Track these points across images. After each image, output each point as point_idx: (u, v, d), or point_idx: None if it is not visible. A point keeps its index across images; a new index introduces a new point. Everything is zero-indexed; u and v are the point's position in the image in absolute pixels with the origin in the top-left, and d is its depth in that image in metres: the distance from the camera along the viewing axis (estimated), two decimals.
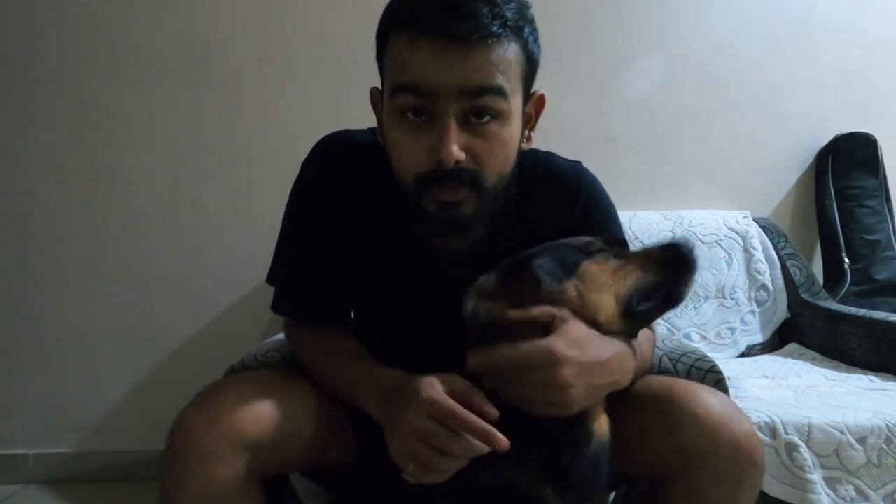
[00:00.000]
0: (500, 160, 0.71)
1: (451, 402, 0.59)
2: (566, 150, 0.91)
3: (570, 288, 0.65)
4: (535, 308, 0.64)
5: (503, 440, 0.57)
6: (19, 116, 1.76)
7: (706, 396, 0.72)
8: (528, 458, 0.63)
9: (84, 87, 1.76)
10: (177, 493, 0.64)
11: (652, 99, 1.88)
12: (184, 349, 1.81)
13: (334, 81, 1.79)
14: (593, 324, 0.65)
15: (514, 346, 0.61)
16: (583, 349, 0.61)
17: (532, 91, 0.76)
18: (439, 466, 0.59)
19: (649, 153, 1.89)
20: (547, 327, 0.63)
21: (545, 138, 0.91)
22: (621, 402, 0.77)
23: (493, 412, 0.59)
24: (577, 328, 0.63)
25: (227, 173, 1.80)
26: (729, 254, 1.77)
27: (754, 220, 1.84)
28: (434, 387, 0.61)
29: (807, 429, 1.11)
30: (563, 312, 0.64)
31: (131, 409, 1.80)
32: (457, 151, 0.66)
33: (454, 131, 0.66)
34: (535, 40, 0.72)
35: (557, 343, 0.60)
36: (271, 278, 0.87)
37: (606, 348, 0.65)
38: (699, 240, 1.77)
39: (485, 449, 0.57)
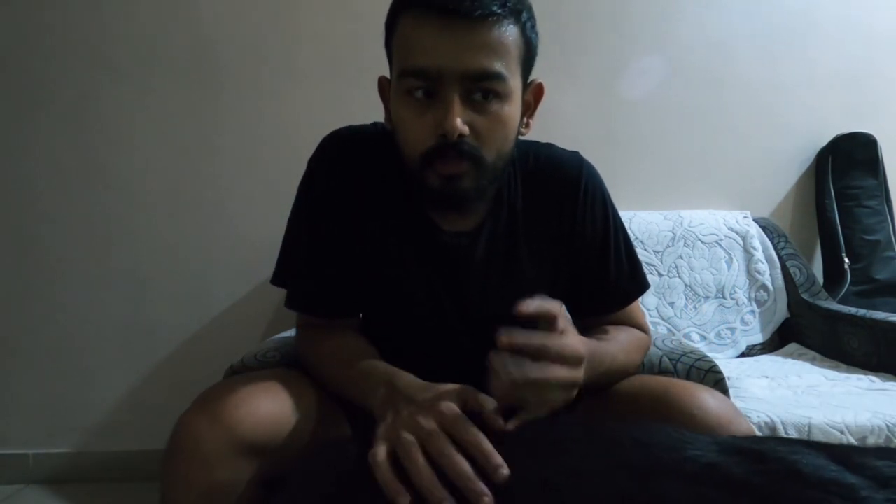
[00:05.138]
0: (500, 138, 0.74)
1: (466, 419, 0.55)
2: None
3: None
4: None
5: (502, 471, 0.50)
6: (19, 116, 1.76)
7: (704, 397, 0.72)
8: None
9: (84, 87, 1.76)
10: (178, 496, 0.63)
11: (652, 99, 1.88)
12: (184, 349, 1.81)
13: (333, 82, 1.79)
14: None
15: (552, 337, 0.59)
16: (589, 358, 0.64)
17: (531, 80, 0.79)
18: (417, 469, 0.52)
19: (649, 153, 1.89)
20: None
21: (545, 137, 0.91)
22: (619, 402, 0.77)
23: (503, 424, 0.57)
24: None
25: (228, 173, 1.80)
26: (729, 254, 1.77)
27: (754, 220, 1.84)
28: (451, 397, 0.59)
29: (807, 429, 1.11)
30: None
31: (131, 409, 1.80)
32: (460, 124, 0.69)
33: (458, 107, 0.69)
34: (533, 27, 0.75)
35: (581, 346, 0.61)
36: (279, 278, 0.87)
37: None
38: (699, 240, 1.77)
39: (473, 485, 0.50)
